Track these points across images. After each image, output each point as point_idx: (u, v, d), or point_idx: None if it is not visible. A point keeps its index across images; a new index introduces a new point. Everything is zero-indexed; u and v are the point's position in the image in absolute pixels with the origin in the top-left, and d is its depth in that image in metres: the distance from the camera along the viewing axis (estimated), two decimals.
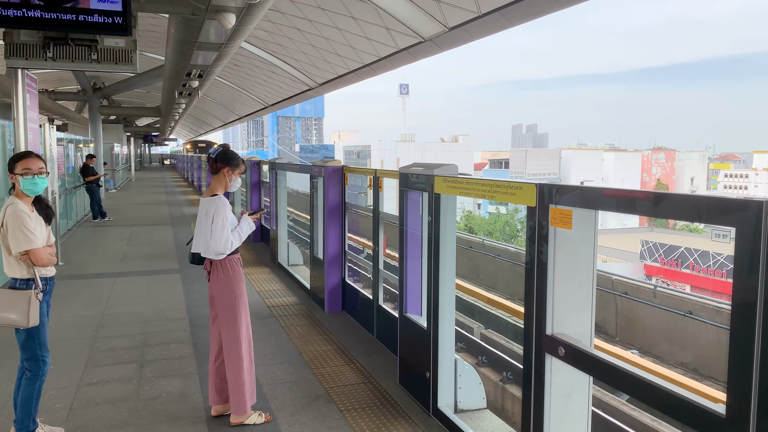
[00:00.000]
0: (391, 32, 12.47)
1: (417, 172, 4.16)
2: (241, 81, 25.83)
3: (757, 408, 1.83)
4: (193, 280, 8.23)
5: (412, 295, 4.48)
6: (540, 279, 2.86)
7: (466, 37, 10.97)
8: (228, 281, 3.83)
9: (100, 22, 5.48)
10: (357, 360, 5.19)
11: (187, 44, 10.24)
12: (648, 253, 45.50)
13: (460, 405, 4.14)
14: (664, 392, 2.19)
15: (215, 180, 3.95)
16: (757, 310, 1.80)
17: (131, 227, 14.21)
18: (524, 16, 9.43)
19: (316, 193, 7.24)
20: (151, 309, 6.85)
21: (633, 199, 2.38)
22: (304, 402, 4.31)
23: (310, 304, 7.09)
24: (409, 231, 4.45)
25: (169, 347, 5.52)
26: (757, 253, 1.81)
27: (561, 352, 2.74)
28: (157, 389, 4.53)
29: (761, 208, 1.79)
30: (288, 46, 17.37)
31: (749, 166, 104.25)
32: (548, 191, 2.81)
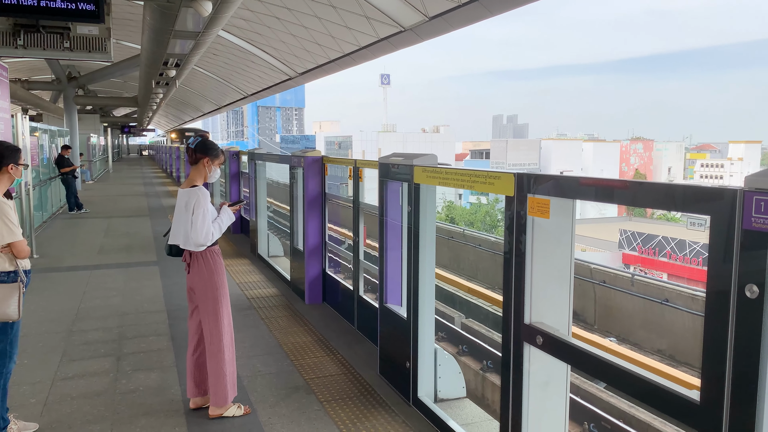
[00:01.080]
0: (371, 21, 12.39)
1: (397, 162, 4.14)
2: (219, 70, 25.53)
3: (731, 394, 1.85)
4: (171, 273, 8.14)
5: (393, 285, 4.48)
6: (518, 268, 2.86)
7: (447, 27, 10.94)
8: (209, 273, 3.78)
9: (72, 9, 5.34)
10: (337, 351, 5.18)
11: (163, 33, 10.07)
12: (626, 242, 46.14)
13: (440, 394, 4.15)
14: (640, 380, 2.21)
15: (194, 170, 3.89)
16: (731, 298, 1.82)
17: (108, 219, 14.01)
18: (504, 5, 9.43)
19: (295, 183, 7.19)
20: (129, 302, 6.76)
21: (610, 188, 2.39)
22: (284, 393, 4.29)
23: (291, 296, 7.06)
24: (389, 221, 4.44)
25: (147, 340, 5.46)
26: (731, 241, 1.82)
27: (539, 341, 2.76)
28: (134, 383, 4.48)
29: (735, 196, 1.80)
30: (267, 35, 17.19)
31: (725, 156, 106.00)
32: (526, 181, 2.81)
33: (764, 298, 1.74)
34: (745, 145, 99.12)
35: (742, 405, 1.82)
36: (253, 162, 9.69)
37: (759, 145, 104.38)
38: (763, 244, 1.73)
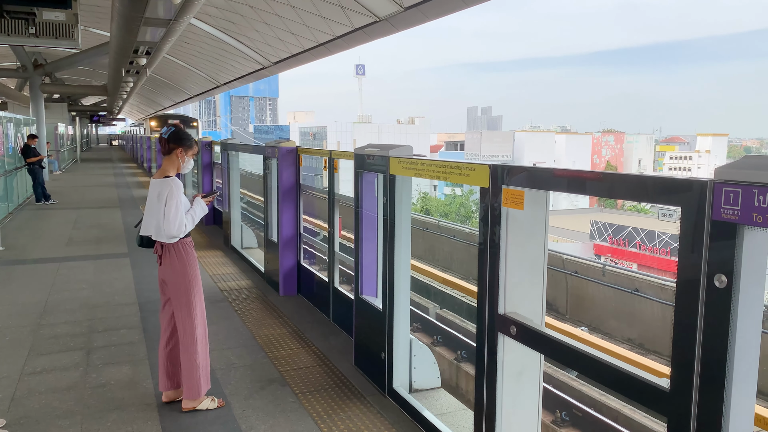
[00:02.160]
0: (346, 11, 12.30)
1: (372, 153, 4.12)
2: (191, 59, 25.12)
3: (700, 382, 1.89)
4: (142, 264, 8.01)
5: (368, 276, 4.47)
6: (492, 259, 2.88)
7: (422, 17, 10.92)
8: (181, 265, 3.73)
9: None
10: (312, 343, 5.16)
11: (133, 20, 9.84)
12: (597, 233, 46.88)
13: (415, 385, 4.17)
14: (611, 368, 2.25)
15: (167, 161, 3.82)
16: (701, 287, 1.85)
17: (77, 210, 13.71)
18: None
19: (269, 174, 7.12)
20: (99, 294, 6.63)
21: (583, 179, 2.41)
22: (258, 386, 4.27)
23: (265, 288, 7.01)
24: (365, 212, 4.42)
25: (118, 333, 5.37)
26: (700, 232, 1.85)
27: (513, 331, 2.78)
28: (105, 377, 4.40)
29: (705, 188, 1.83)
30: (240, 23, 16.95)
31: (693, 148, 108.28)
32: (501, 172, 2.82)
33: (732, 288, 1.77)
34: (713, 138, 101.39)
35: (711, 392, 1.85)
36: (226, 152, 9.57)
37: (725, 137, 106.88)
38: (731, 234, 1.77)
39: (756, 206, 1.68)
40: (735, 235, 1.76)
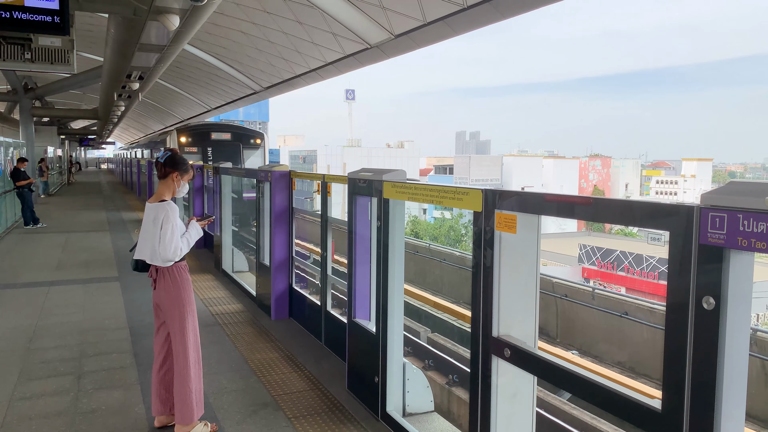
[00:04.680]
0: (337, 38, 12.49)
1: (366, 177, 4.18)
2: (182, 84, 25.25)
3: (690, 402, 1.93)
4: (133, 288, 7.97)
5: (361, 300, 4.50)
6: (486, 282, 2.93)
7: (412, 45, 11.11)
8: (176, 288, 3.74)
9: (37, 20, 5.24)
10: (304, 367, 5.15)
11: (127, 45, 9.94)
12: (586, 257, 47.14)
13: (408, 408, 4.17)
14: (604, 390, 2.29)
15: (163, 185, 3.86)
16: (690, 310, 1.91)
17: (66, 234, 13.63)
18: (468, 25, 9.63)
19: (262, 198, 7.15)
20: (89, 318, 6.59)
21: (574, 204, 2.48)
22: (251, 410, 4.25)
23: (256, 311, 6.99)
24: (358, 236, 4.46)
25: (109, 357, 5.33)
26: (688, 255, 1.91)
27: (507, 354, 2.82)
28: (96, 402, 4.37)
29: (692, 213, 1.90)
30: (233, 49, 17.13)
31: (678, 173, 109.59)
32: (493, 197, 2.88)
33: (720, 310, 1.83)
34: (698, 163, 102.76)
35: (702, 412, 1.90)
36: (218, 176, 9.60)
37: (710, 162, 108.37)
38: (718, 257, 1.83)
39: (741, 231, 1.75)
40: (722, 258, 1.82)
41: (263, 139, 19.89)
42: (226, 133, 19.14)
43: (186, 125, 20.17)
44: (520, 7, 8.56)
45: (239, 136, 19.40)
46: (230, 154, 17.92)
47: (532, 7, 8.48)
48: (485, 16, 8.97)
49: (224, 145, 18.19)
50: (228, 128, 19.83)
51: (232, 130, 19.55)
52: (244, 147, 18.92)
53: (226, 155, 17.60)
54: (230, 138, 18.61)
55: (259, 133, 20.17)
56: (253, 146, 19.48)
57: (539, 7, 8.47)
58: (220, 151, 17.91)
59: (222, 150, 18.06)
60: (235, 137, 19.14)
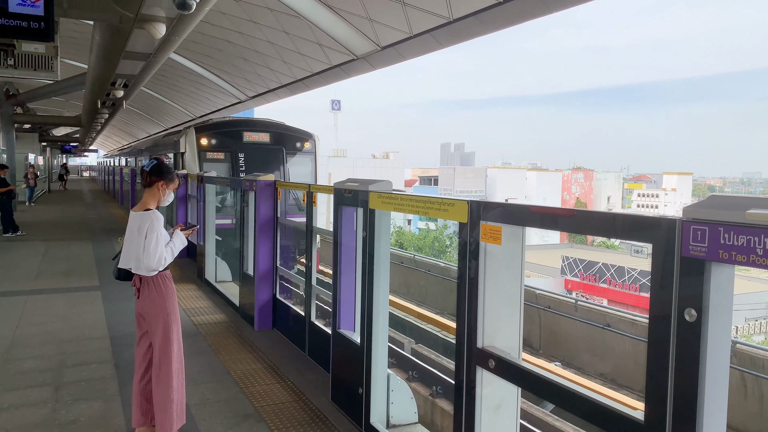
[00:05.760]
0: (324, 49, 12.53)
1: (352, 187, 4.19)
2: (167, 92, 25.14)
3: (673, 414, 1.95)
4: (114, 298, 7.87)
5: (346, 310, 4.48)
6: (471, 293, 2.93)
7: (398, 57, 11.18)
8: (160, 298, 3.71)
9: (20, 26, 5.18)
10: (288, 378, 5.12)
11: (112, 53, 9.89)
12: (568, 269, 47.48)
13: (392, 420, 4.16)
14: (587, 401, 2.30)
15: (148, 193, 3.83)
16: (672, 322, 1.93)
17: (46, 242, 13.44)
18: (453, 38, 9.73)
19: (246, 207, 7.12)
20: (69, 328, 6.49)
21: (559, 216, 2.50)
22: (234, 422, 4.20)
23: (239, 322, 6.93)
24: (344, 246, 4.46)
25: (89, 368, 5.25)
26: (671, 268, 1.94)
27: (491, 365, 2.82)
28: (74, 413, 4.29)
29: (674, 225, 1.93)
30: (218, 58, 17.10)
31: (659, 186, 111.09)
32: (479, 208, 2.90)
33: (702, 322, 1.85)
34: (678, 177, 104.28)
35: (684, 424, 1.92)
36: (202, 185, 9.55)
37: (690, 176, 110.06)
38: (699, 270, 1.86)
39: (722, 243, 1.78)
40: (703, 270, 1.85)
41: (315, 142, 14.36)
42: (264, 132, 13.66)
43: (208, 122, 14.48)
44: (505, 22, 8.68)
45: (281, 138, 13.86)
46: (269, 163, 13.46)
47: (516, 21, 8.59)
48: (470, 29, 9.07)
49: (261, 150, 13.43)
50: (266, 126, 13.96)
51: (271, 129, 13.88)
52: (289, 152, 13.84)
53: (264, 163, 13.29)
54: (269, 140, 13.60)
55: (308, 134, 14.28)
56: (300, 151, 14.06)
57: (523, 22, 8.59)
58: (255, 158, 13.23)
59: (258, 156, 13.34)
60: (276, 139, 13.78)
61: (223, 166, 13.02)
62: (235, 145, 13.24)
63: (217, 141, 13.29)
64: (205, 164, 12.68)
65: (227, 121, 14.42)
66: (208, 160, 12.87)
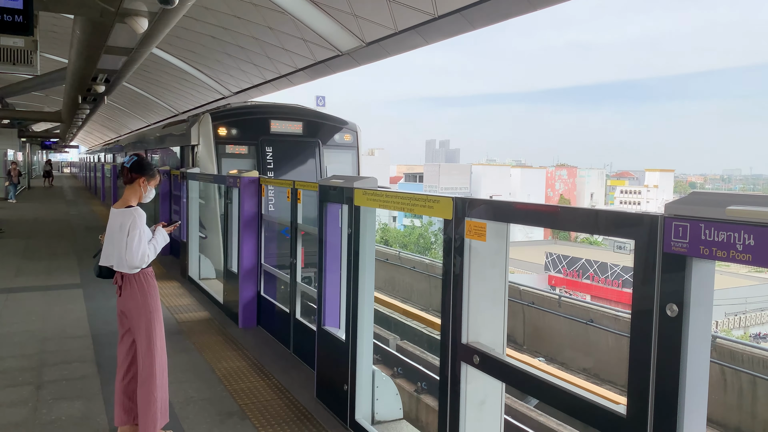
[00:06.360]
0: (308, 44, 12.46)
1: (337, 184, 4.18)
2: (150, 87, 24.88)
3: (654, 407, 1.97)
4: (96, 296, 7.78)
5: (331, 307, 4.48)
6: (456, 289, 2.94)
7: (383, 53, 11.16)
8: (142, 296, 3.67)
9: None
10: (272, 375, 5.10)
11: (93, 47, 9.74)
12: (552, 265, 47.87)
13: (377, 416, 4.16)
14: (571, 396, 2.32)
15: (129, 190, 3.79)
16: (654, 317, 1.95)
17: (27, 240, 13.25)
18: (438, 34, 9.74)
19: (230, 204, 7.08)
20: (50, 326, 6.40)
21: (542, 213, 2.52)
22: (218, 420, 4.18)
23: (223, 319, 6.89)
24: (328, 243, 4.45)
25: (70, 367, 5.19)
26: (652, 264, 1.96)
27: (476, 361, 2.83)
28: (56, 412, 4.24)
29: (656, 222, 1.95)
30: (202, 53, 16.96)
31: (642, 183, 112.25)
32: (463, 205, 2.90)
33: (683, 317, 1.88)
34: (660, 174, 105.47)
35: (665, 417, 1.94)
36: (185, 181, 9.46)
37: (672, 173, 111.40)
38: (681, 266, 1.88)
39: (703, 239, 1.80)
40: (684, 266, 1.87)
41: (357, 134, 11.68)
42: (296, 121, 10.93)
43: (226, 108, 11.52)
44: (490, 18, 8.70)
45: (317, 129, 11.11)
46: (302, 159, 11.08)
47: (501, 18, 8.62)
48: (455, 26, 9.08)
49: (292, 143, 10.87)
50: (299, 113, 11.16)
51: (305, 117, 11.10)
52: (326, 146, 11.17)
53: (295, 160, 11.01)
54: (302, 131, 10.92)
55: (348, 125, 11.56)
56: (340, 146, 11.42)
57: (508, 19, 8.62)
58: (284, 153, 10.78)
59: (288, 151, 10.86)
60: (311, 130, 11.04)
61: (245, 162, 10.52)
62: (260, 136, 10.65)
63: (238, 131, 10.60)
64: (224, 161, 10.30)
65: (250, 107, 11.57)
66: (227, 155, 10.36)
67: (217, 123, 10.48)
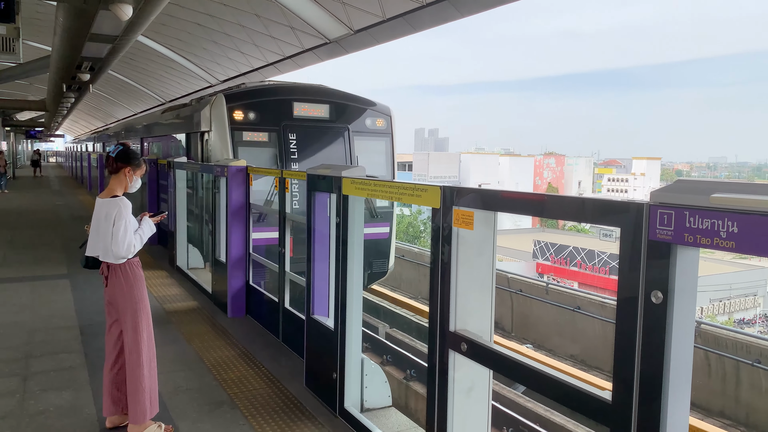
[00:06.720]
0: (296, 32, 12.37)
1: (325, 173, 4.17)
2: (136, 76, 24.61)
3: (639, 393, 2.00)
4: (83, 286, 7.73)
5: (320, 296, 4.48)
6: (444, 278, 2.95)
7: (371, 41, 11.10)
8: (128, 286, 3.65)
9: None
10: (262, 364, 5.10)
11: (77, 35, 9.60)
12: (540, 252, 48.19)
13: (366, 404, 4.19)
14: (557, 382, 2.35)
15: (114, 180, 3.76)
16: (639, 304, 1.97)
17: (12, 230, 13.11)
18: (427, 22, 9.69)
19: (218, 193, 7.04)
20: (37, 317, 6.36)
21: (529, 201, 2.53)
22: (207, 409, 4.18)
23: (212, 309, 6.88)
24: (317, 232, 4.44)
25: (58, 357, 5.16)
26: (638, 251, 1.98)
27: (463, 348, 2.85)
28: (43, 403, 4.22)
29: (641, 209, 1.96)
30: (189, 41, 16.78)
31: (629, 171, 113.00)
32: (452, 194, 2.91)
33: (668, 304, 1.90)
34: (647, 162, 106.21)
35: (650, 402, 1.97)
36: (172, 171, 9.39)
37: (659, 161, 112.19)
38: (666, 253, 1.90)
39: (687, 227, 1.82)
40: (669, 254, 1.89)
41: (391, 119, 10.24)
42: (322, 104, 9.58)
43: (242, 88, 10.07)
44: (479, 6, 8.68)
45: (345, 112, 9.76)
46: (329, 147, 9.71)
47: (490, 6, 8.60)
48: (444, 13, 9.05)
49: (317, 129, 9.54)
50: (324, 95, 9.75)
51: (331, 99, 9.70)
52: (356, 133, 9.79)
53: (322, 148, 9.64)
54: (328, 115, 9.60)
55: (381, 107, 10.11)
56: (373, 132, 9.96)
57: (497, 6, 8.59)
58: (309, 140, 9.48)
59: (313, 137, 9.51)
60: (339, 113, 9.69)
61: (265, 152, 9.25)
62: (282, 120, 9.28)
63: (257, 115, 9.18)
64: (241, 150, 9.02)
65: (269, 87, 10.05)
66: (244, 143, 9.06)
67: (233, 106, 9.06)
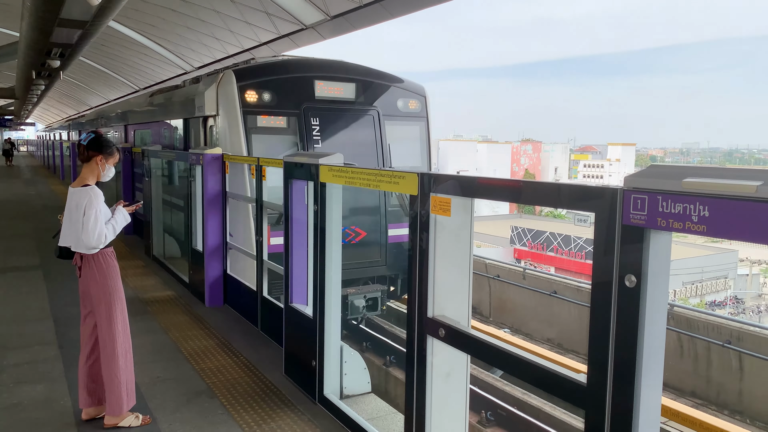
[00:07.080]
0: (271, 17, 12.22)
1: (302, 161, 4.14)
2: (109, 62, 24.12)
3: (613, 376, 2.03)
4: (56, 277, 7.60)
5: (298, 284, 4.47)
6: (422, 264, 2.96)
7: (348, 27, 11.02)
8: (102, 276, 3.59)
9: None
10: (240, 353, 5.09)
11: (46, 20, 9.35)
12: (517, 238, 48.68)
13: (345, 391, 4.20)
14: (534, 366, 2.38)
15: (86, 168, 3.68)
16: (613, 288, 2.00)
17: None
18: (403, 8, 9.64)
19: (193, 182, 6.95)
20: (9, 309, 6.24)
21: (505, 187, 2.54)
22: (185, 399, 4.16)
23: (190, 299, 6.82)
24: (295, 220, 4.42)
25: (31, 350, 5.08)
26: (612, 235, 2.00)
27: (441, 334, 2.87)
28: (17, 396, 4.16)
29: (615, 195, 1.99)
30: (162, 27, 16.47)
31: (604, 157, 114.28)
32: (429, 180, 2.91)
33: (641, 287, 1.93)
34: (622, 148, 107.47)
35: (623, 385, 2.00)
36: (147, 159, 9.25)
37: (633, 147, 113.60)
38: (639, 237, 1.92)
39: (660, 212, 1.84)
40: (642, 238, 1.91)
41: (426, 99, 9.02)
42: (347, 82, 8.24)
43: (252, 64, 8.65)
44: None
45: (374, 92, 8.47)
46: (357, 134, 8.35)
47: None
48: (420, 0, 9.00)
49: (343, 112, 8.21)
50: (348, 71, 8.40)
51: (358, 77, 8.35)
52: (387, 117, 8.47)
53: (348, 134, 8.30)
54: (354, 95, 8.27)
55: (414, 87, 8.91)
56: (406, 116, 8.68)
57: None
58: (333, 125, 8.12)
59: (338, 122, 8.18)
60: (367, 93, 8.39)
61: (283, 140, 7.87)
62: (303, 102, 7.89)
63: (273, 96, 7.72)
64: (255, 137, 7.69)
65: (285, 62, 8.54)
66: (259, 129, 7.69)
67: (245, 84, 7.63)
